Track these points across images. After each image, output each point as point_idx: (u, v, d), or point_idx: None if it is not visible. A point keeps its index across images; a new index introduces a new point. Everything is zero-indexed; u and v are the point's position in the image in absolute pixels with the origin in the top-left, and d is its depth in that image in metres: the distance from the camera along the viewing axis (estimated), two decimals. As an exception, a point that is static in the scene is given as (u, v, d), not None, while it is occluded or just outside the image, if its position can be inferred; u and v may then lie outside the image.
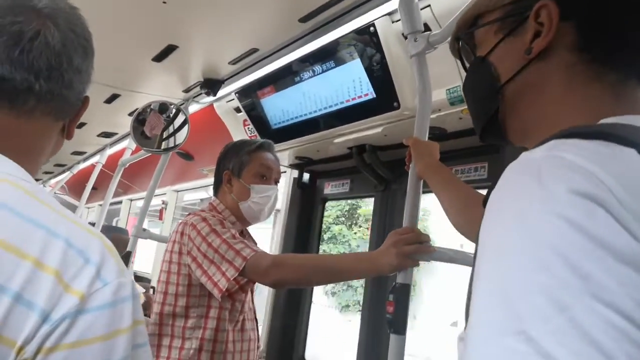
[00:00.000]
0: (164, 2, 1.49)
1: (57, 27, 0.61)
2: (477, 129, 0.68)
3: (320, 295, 10.15)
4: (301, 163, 2.57)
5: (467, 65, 0.70)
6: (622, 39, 0.52)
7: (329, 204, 4.27)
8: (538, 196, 0.38)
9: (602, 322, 0.32)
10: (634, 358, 0.32)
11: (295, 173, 2.67)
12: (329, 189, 2.59)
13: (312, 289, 2.58)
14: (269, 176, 1.62)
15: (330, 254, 2.53)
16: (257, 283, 1.64)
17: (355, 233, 10.57)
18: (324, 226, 2.52)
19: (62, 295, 0.50)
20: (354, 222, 10.80)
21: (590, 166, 0.38)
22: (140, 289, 2.75)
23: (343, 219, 10.77)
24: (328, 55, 1.81)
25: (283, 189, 2.74)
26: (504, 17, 0.60)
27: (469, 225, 1.06)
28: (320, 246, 2.75)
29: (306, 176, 2.67)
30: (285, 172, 2.71)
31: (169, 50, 1.86)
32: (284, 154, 2.49)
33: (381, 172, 2.19)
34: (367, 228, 8.48)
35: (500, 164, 1.71)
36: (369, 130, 1.91)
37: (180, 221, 1.53)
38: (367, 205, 9.69)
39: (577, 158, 0.39)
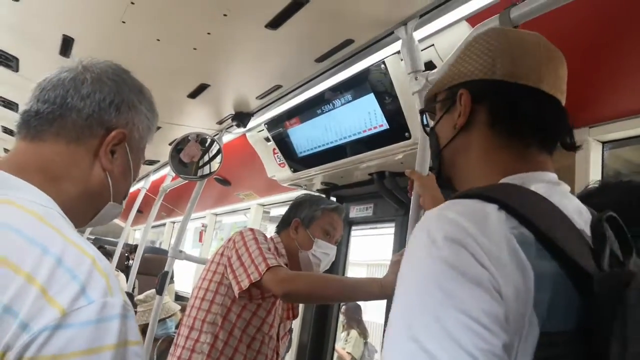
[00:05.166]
0: (195, 49, 1.68)
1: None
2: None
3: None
4: (327, 188, 2.70)
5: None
6: (519, 118, 0.69)
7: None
8: (424, 243, 0.56)
9: (461, 325, 0.49)
10: (479, 347, 0.48)
11: (323, 198, 2.79)
12: (354, 212, 2.70)
13: (338, 312, 2.67)
14: (333, 235, 1.73)
15: (343, 276, 2.65)
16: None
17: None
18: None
19: (44, 308, 0.52)
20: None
21: (461, 219, 0.56)
22: (176, 307, 2.93)
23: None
24: (345, 90, 1.95)
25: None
26: (444, 99, 0.79)
27: None
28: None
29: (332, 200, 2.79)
30: (313, 196, 2.85)
31: (202, 88, 2.06)
32: (311, 180, 2.63)
33: (401, 197, 2.29)
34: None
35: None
36: (387, 157, 2.03)
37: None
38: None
39: (453, 214, 0.57)
